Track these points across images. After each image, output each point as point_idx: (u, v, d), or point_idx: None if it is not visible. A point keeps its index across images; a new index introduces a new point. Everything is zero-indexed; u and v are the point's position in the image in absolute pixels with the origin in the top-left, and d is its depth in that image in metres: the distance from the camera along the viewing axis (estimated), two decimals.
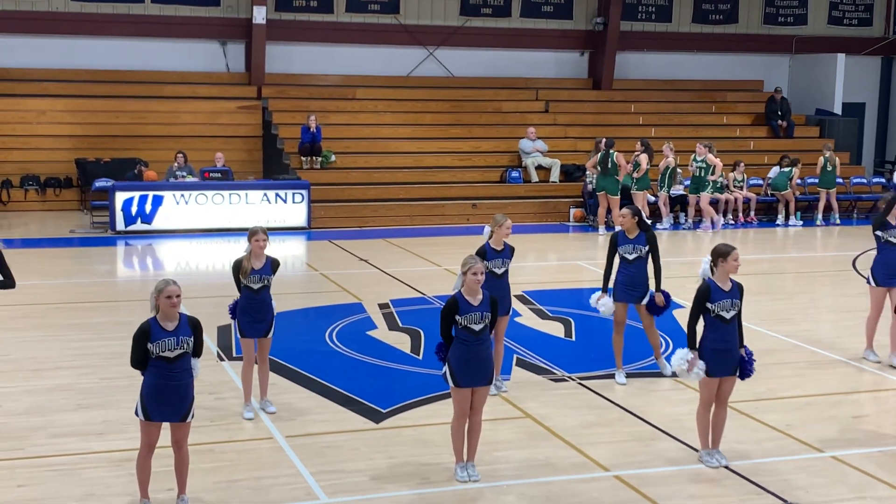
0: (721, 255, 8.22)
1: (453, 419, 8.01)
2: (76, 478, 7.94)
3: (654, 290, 10.40)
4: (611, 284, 10.51)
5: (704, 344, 8.23)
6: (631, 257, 10.34)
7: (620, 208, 11.81)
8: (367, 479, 8.01)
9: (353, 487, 7.87)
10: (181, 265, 17.45)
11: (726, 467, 8.31)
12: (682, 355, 8.31)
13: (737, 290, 8.25)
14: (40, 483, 7.85)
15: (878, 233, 11.08)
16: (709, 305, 8.15)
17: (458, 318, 7.78)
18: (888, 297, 11.19)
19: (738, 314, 8.28)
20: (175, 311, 7.20)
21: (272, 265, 9.27)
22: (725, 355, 8.22)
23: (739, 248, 8.40)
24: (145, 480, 7.37)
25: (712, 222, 20.85)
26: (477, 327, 7.80)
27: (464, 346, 7.81)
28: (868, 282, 11.31)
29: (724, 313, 8.15)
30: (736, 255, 8.21)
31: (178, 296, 7.19)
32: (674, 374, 10.15)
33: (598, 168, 20.02)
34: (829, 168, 22.30)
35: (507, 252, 9.87)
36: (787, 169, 22.24)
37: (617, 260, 10.46)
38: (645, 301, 10.45)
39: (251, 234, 9.20)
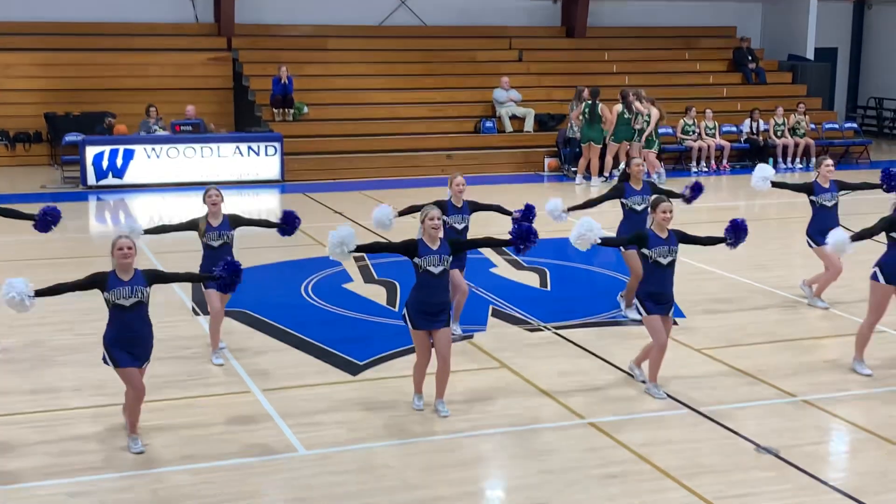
0: (652, 206, 8.81)
1: (416, 359, 8.38)
2: (54, 434, 7.95)
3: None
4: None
5: (643, 287, 8.74)
6: (640, 208, 10.72)
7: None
8: (345, 431, 8.06)
9: (331, 440, 7.91)
10: (154, 219, 17.29)
11: (674, 398, 8.67)
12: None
13: (674, 238, 8.68)
14: (22, 440, 7.85)
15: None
16: (645, 252, 8.64)
17: (417, 261, 8.05)
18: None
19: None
20: (127, 262, 7.38)
21: (231, 221, 9.51)
22: (662, 297, 8.66)
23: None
24: (134, 421, 7.63)
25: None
26: (436, 270, 8.06)
27: (422, 289, 8.10)
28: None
29: (661, 259, 8.61)
30: (664, 207, 8.63)
31: (130, 248, 7.38)
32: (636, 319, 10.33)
33: (583, 118, 19.93)
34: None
35: (466, 208, 10.13)
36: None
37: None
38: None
39: (204, 193, 9.49)
